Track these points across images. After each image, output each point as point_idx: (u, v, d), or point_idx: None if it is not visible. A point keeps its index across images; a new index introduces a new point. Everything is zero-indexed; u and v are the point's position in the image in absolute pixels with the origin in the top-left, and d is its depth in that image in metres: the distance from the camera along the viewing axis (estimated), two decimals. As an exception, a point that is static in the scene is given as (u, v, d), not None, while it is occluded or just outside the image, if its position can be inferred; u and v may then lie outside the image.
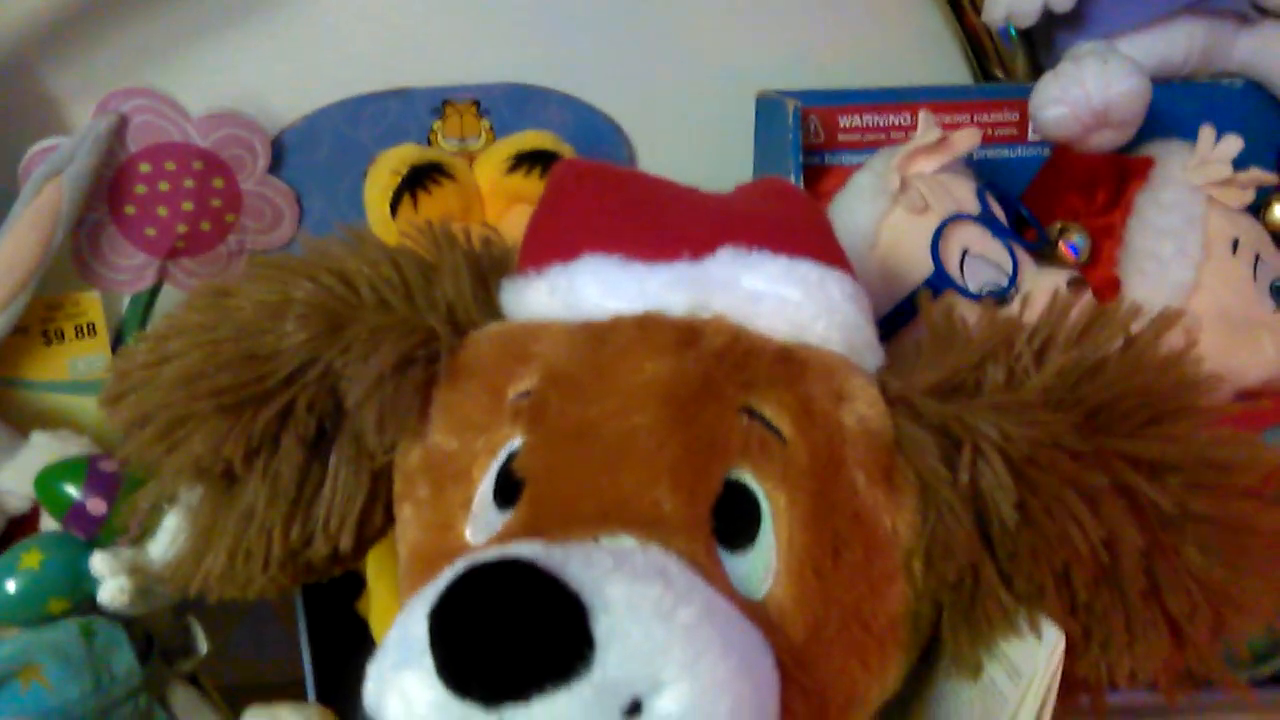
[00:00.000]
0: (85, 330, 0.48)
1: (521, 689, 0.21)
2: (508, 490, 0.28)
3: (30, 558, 0.39)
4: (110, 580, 0.40)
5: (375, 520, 0.32)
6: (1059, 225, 0.50)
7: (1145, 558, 0.28)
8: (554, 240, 0.31)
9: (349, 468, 0.31)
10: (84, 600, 0.41)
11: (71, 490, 0.40)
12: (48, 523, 0.42)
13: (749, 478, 0.27)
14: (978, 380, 0.29)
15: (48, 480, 0.41)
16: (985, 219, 0.45)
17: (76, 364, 0.49)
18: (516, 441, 0.28)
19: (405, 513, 0.30)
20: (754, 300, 0.29)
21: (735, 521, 0.26)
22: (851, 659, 0.27)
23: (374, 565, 0.50)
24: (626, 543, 0.25)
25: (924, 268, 0.43)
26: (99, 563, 0.40)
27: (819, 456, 0.27)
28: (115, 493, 0.40)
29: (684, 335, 0.28)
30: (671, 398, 0.27)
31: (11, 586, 0.39)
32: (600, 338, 0.28)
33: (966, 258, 0.44)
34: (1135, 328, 0.29)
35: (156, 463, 0.31)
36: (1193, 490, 0.28)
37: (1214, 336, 0.45)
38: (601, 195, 0.31)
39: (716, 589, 0.25)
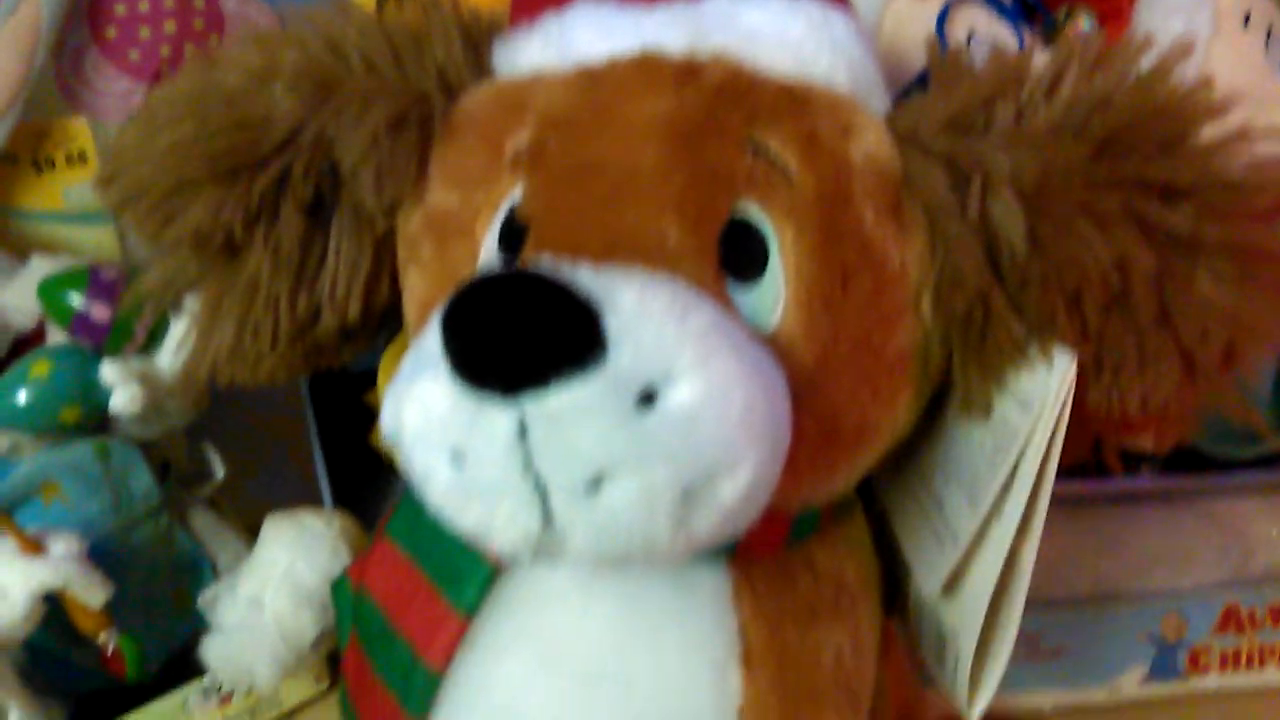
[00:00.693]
0: (76, 158, 0.47)
1: (538, 376, 0.21)
2: (512, 239, 0.28)
3: (39, 367, 0.40)
4: (121, 388, 0.40)
5: (381, 290, 0.32)
6: (1065, 8, 0.48)
7: (1157, 282, 0.27)
8: None
9: (350, 236, 0.31)
10: (96, 410, 0.41)
11: (74, 298, 0.40)
12: (54, 340, 0.42)
13: (756, 211, 0.26)
14: (987, 117, 0.28)
15: (50, 289, 0.40)
16: (991, 1, 0.44)
17: (70, 193, 0.48)
18: (518, 193, 0.28)
19: (411, 277, 0.30)
20: (754, 37, 0.28)
21: (743, 254, 0.26)
22: (861, 388, 0.27)
23: (385, 377, 0.50)
24: (635, 268, 0.24)
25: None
26: (108, 371, 0.40)
27: (826, 189, 0.27)
28: (118, 299, 0.40)
29: (683, 72, 0.27)
30: (674, 133, 0.26)
31: (22, 396, 0.39)
32: (597, 80, 0.28)
33: (973, 40, 0.43)
34: (1146, 60, 0.28)
35: (156, 237, 0.31)
36: (1205, 214, 0.27)
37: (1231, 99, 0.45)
38: None
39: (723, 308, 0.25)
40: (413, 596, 0.30)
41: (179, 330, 0.41)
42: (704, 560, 0.28)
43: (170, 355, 0.42)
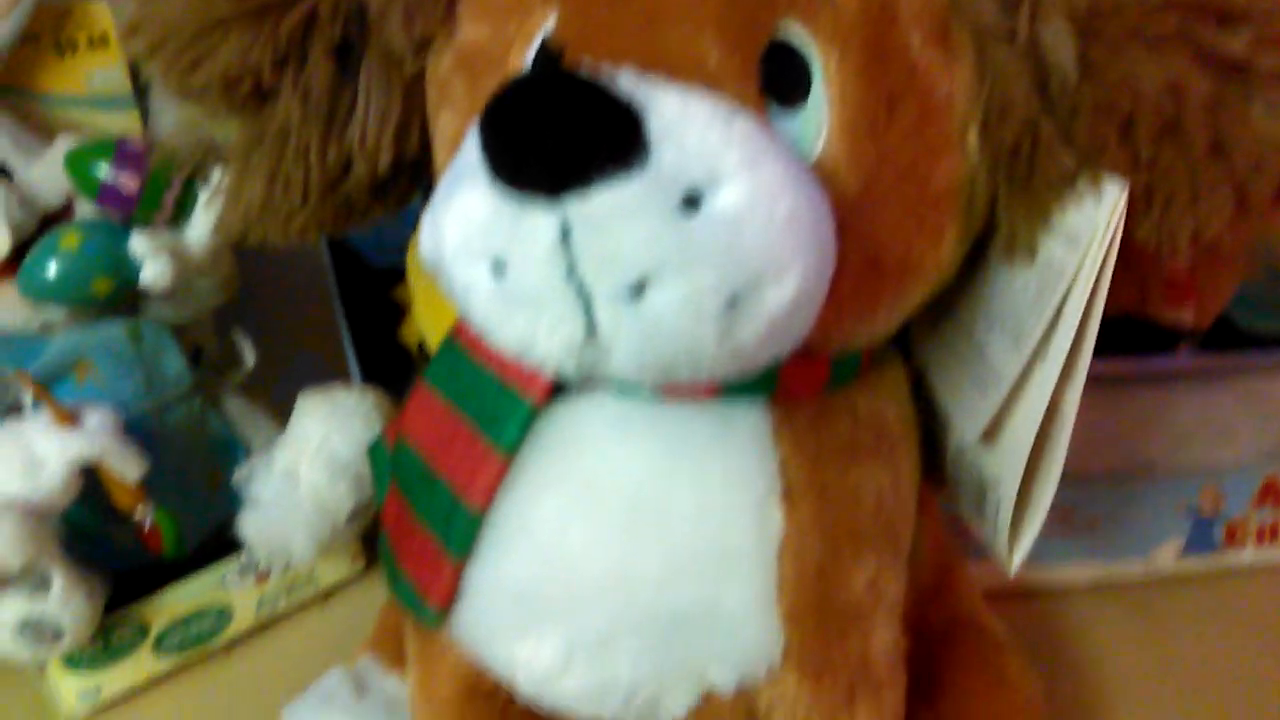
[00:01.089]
0: (98, 40, 0.47)
1: (580, 175, 0.20)
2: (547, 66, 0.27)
3: (69, 239, 0.39)
4: (151, 260, 0.40)
5: (412, 140, 0.31)
6: None
7: (1211, 110, 0.26)
8: None
9: (380, 81, 0.30)
10: (127, 283, 0.41)
11: (101, 168, 0.40)
12: (82, 215, 0.42)
13: (799, 31, 0.25)
14: None
15: (77, 160, 0.40)
16: None
17: (93, 77, 0.47)
18: (551, 21, 0.27)
19: (443, 119, 0.30)
20: None
21: (786, 77, 0.25)
22: (906, 220, 0.27)
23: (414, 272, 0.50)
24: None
25: None
26: (138, 243, 0.40)
27: (871, 11, 0.26)
28: (145, 169, 0.40)
29: None
30: None
31: (53, 268, 0.39)
32: None
33: None
34: None
35: (184, 82, 0.30)
36: (1262, 42, 0.26)
37: None
38: None
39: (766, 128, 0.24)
40: (453, 439, 0.29)
41: (207, 196, 0.42)
42: (744, 400, 0.28)
43: (198, 229, 0.41)
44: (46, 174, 0.42)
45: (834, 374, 0.29)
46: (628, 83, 0.21)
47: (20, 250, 0.40)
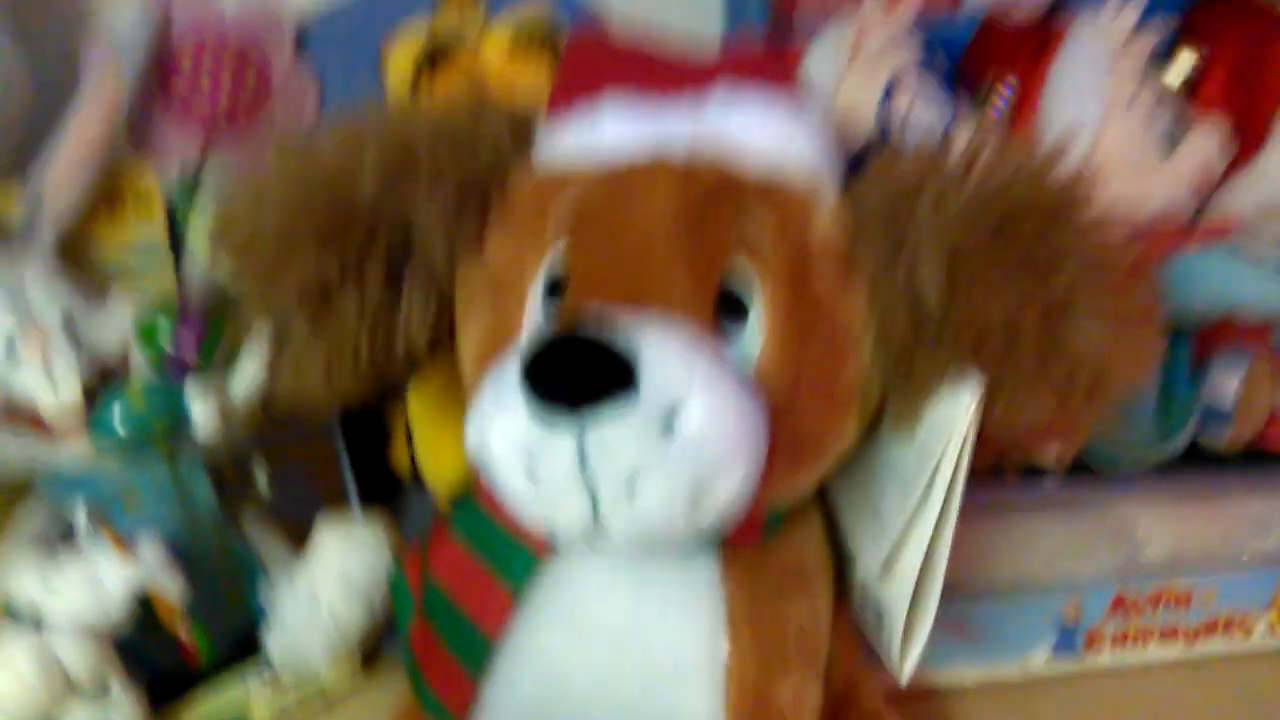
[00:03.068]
0: (142, 197, 0.53)
1: (594, 396, 0.29)
2: (554, 287, 0.35)
3: (136, 400, 0.45)
4: (201, 408, 0.46)
5: (441, 330, 0.39)
6: (988, 83, 0.55)
7: (1037, 333, 0.34)
8: (577, 90, 0.38)
9: (420, 287, 0.38)
10: (179, 429, 0.47)
11: (165, 336, 0.46)
12: (137, 363, 0.48)
13: (739, 281, 0.34)
14: (914, 202, 0.35)
15: (146, 329, 0.46)
16: (927, 78, 0.52)
17: (137, 234, 0.53)
18: (558, 254, 0.35)
19: (469, 320, 0.38)
20: (740, 135, 0.36)
21: (732, 305, 0.34)
22: (820, 410, 0.35)
23: (415, 403, 0.57)
24: (652, 310, 0.32)
25: (874, 123, 0.50)
26: (193, 398, 0.46)
27: (792, 262, 0.35)
28: (202, 336, 0.46)
29: (684, 177, 0.35)
30: (680, 220, 0.34)
31: (121, 425, 0.45)
32: (622, 173, 0.35)
33: (911, 113, 0.51)
34: (1034, 155, 0.36)
35: (266, 284, 0.37)
36: (1077, 281, 0.34)
37: (1116, 175, 0.52)
38: (615, 52, 0.38)
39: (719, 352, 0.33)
40: (474, 580, 0.37)
41: (249, 363, 0.49)
42: (699, 549, 0.36)
43: (242, 383, 0.48)
44: (105, 329, 0.48)
45: (766, 526, 0.37)
46: (623, 335, 0.30)
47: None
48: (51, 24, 0.57)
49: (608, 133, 0.37)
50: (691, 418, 0.30)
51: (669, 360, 0.30)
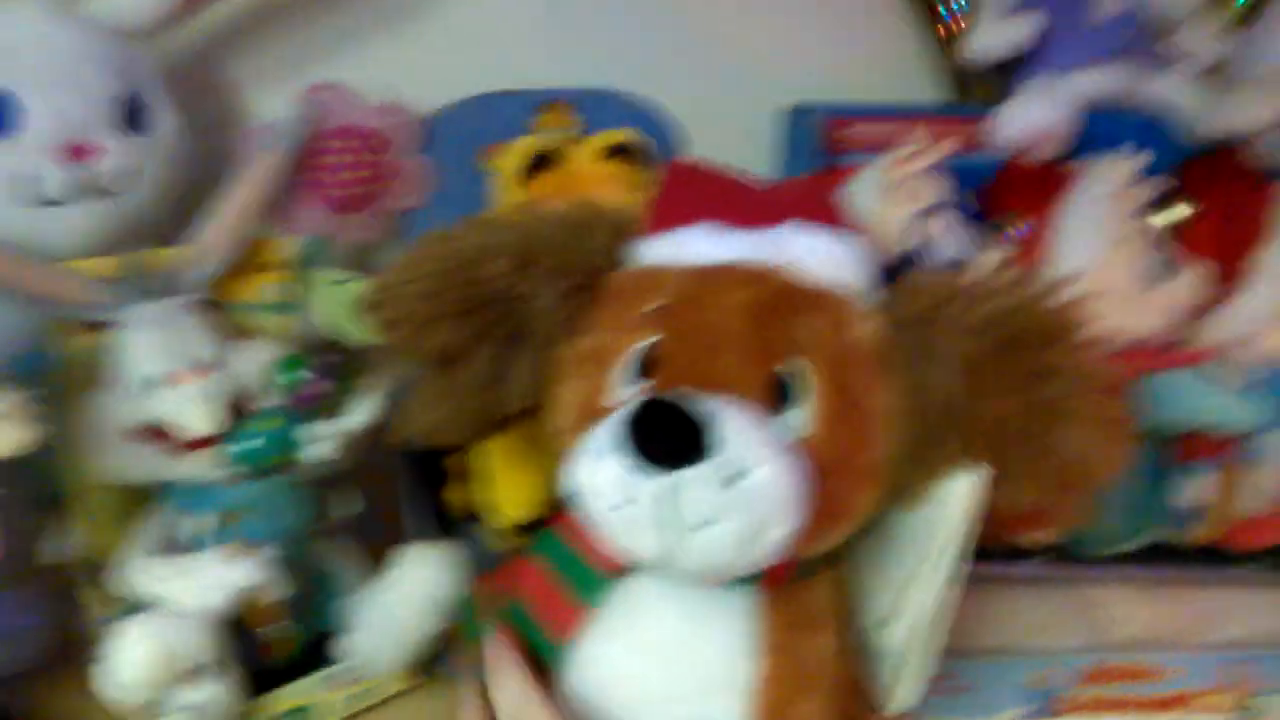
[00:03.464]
0: (276, 264, 0.61)
1: (680, 460, 0.37)
2: (645, 368, 0.42)
3: (271, 422, 0.54)
4: (321, 442, 0.54)
5: (538, 394, 0.46)
6: (1007, 216, 0.63)
7: (1033, 429, 0.41)
8: (674, 213, 0.45)
9: (532, 357, 0.45)
10: (300, 454, 0.55)
11: (303, 373, 0.54)
12: (264, 400, 0.55)
13: (796, 366, 0.41)
14: (940, 315, 0.41)
15: (287, 365, 0.54)
16: (952, 210, 0.59)
17: (267, 289, 0.61)
18: (651, 338, 0.42)
19: (568, 385, 0.45)
20: (804, 255, 0.43)
21: (786, 392, 0.41)
22: (851, 482, 0.42)
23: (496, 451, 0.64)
24: (726, 396, 0.40)
25: (906, 245, 0.57)
26: (316, 428, 0.54)
27: (838, 355, 0.41)
28: (334, 377, 0.54)
29: (758, 276, 0.42)
30: (750, 314, 0.41)
31: (261, 445, 0.53)
32: (707, 275, 0.43)
33: (937, 239, 0.58)
34: (1041, 285, 0.42)
35: (410, 348, 0.45)
36: (1068, 389, 0.41)
37: (1111, 303, 0.59)
38: (704, 182, 0.46)
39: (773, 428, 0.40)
40: (553, 596, 0.45)
41: (363, 404, 0.57)
42: (740, 584, 0.43)
43: (354, 421, 0.56)
44: (243, 368, 0.56)
45: (800, 570, 0.44)
46: (703, 405, 0.38)
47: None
48: (213, 114, 0.66)
49: (695, 249, 0.44)
50: (755, 479, 0.37)
51: (740, 432, 0.38)
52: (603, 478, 0.38)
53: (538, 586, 0.46)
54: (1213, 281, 0.64)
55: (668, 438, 0.37)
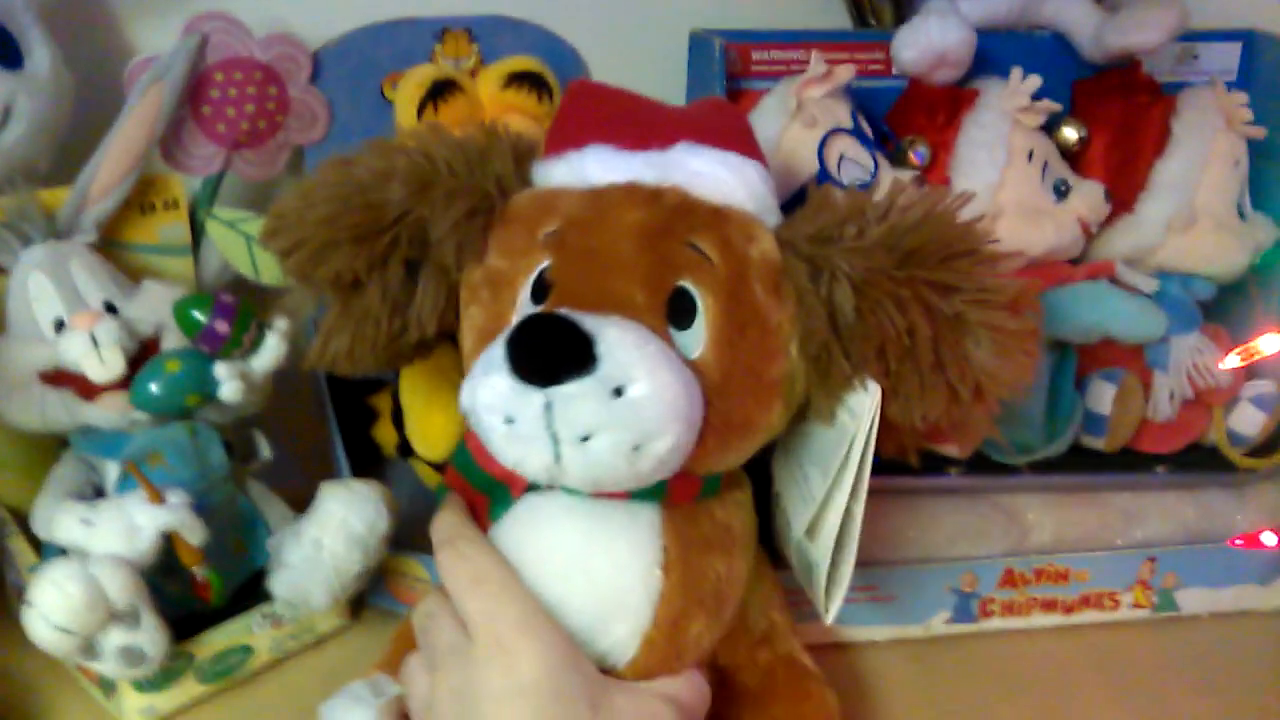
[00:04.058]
0: (170, 204, 0.61)
1: (558, 375, 0.37)
2: (539, 291, 0.43)
3: (172, 365, 0.52)
4: (229, 383, 0.53)
5: (448, 319, 0.46)
6: (909, 139, 0.63)
7: (933, 343, 0.41)
8: (570, 135, 0.45)
9: (433, 282, 0.45)
10: (208, 399, 0.53)
11: (201, 315, 0.52)
12: (168, 343, 0.55)
13: (690, 284, 0.41)
14: (839, 233, 0.42)
15: (183, 308, 0.53)
16: (857, 132, 0.60)
17: (163, 231, 0.61)
18: (546, 262, 0.43)
19: (471, 311, 0.45)
20: (698, 176, 0.43)
21: (681, 310, 0.41)
22: (748, 398, 0.42)
23: (408, 383, 0.64)
24: (615, 317, 0.40)
25: (812, 167, 0.58)
26: (222, 370, 0.53)
27: (732, 274, 0.42)
28: (234, 317, 0.53)
29: (651, 197, 0.42)
30: (643, 234, 0.41)
31: (157, 387, 0.52)
32: (600, 196, 0.43)
33: (842, 161, 0.59)
34: (941, 203, 0.43)
35: (307, 276, 0.45)
36: (969, 304, 0.41)
37: (1012, 220, 0.61)
38: (601, 104, 0.46)
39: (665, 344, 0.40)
40: (474, 507, 0.45)
41: (272, 343, 0.56)
42: (644, 502, 0.43)
43: (262, 361, 0.55)
44: (141, 311, 0.55)
45: (702, 489, 0.44)
46: (588, 321, 0.38)
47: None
48: (93, 49, 0.63)
49: (592, 171, 0.44)
50: (636, 393, 0.38)
51: (621, 346, 0.38)
52: (487, 395, 0.38)
53: (462, 490, 0.46)
54: (1110, 198, 0.65)
55: (547, 353, 0.37)
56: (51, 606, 0.47)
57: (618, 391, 0.37)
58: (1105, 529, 0.65)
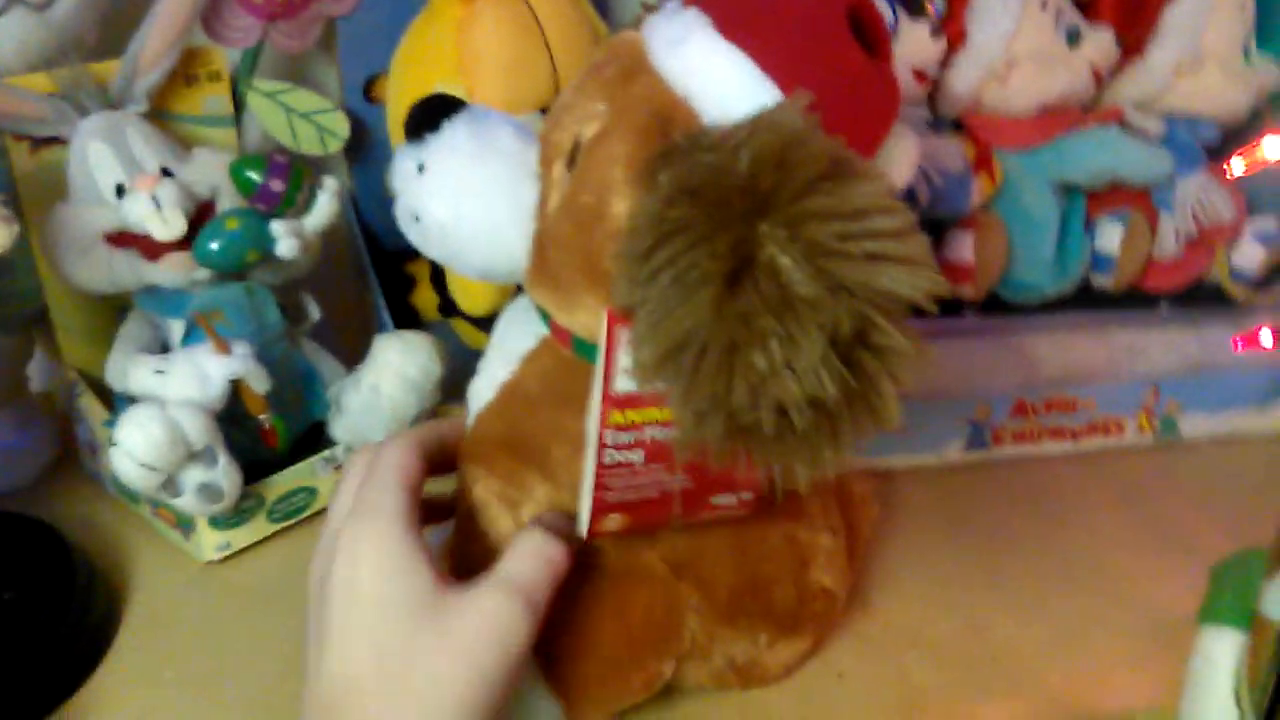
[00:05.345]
0: (213, 76, 0.63)
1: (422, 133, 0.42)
2: None
3: (231, 223, 0.55)
4: (286, 240, 0.56)
5: None
6: None
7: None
8: None
9: None
10: (266, 256, 0.56)
11: (256, 175, 0.55)
12: (223, 205, 0.57)
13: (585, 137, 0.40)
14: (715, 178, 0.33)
15: (239, 168, 0.56)
16: None
17: (208, 102, 0.63)
18: None
19: None
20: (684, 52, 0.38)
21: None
22: (572, 269, 0.40)
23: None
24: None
25: None
26: (278, 227, 0.56)
27: (607, 157, 0.38)
28: (288, 176, 0.56)
29: (621, 41, 0.40)
30: (591, 70, 0.41)
31: (218, 243, 0.54)
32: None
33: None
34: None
35: None
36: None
37: (1028, 68, 0.64)
38: None
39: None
40: None
41: (324, 199, 0.59)
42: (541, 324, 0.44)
43: (315, 220, 0.58)
44: (196, 175, 0.57)
45: (575, 348, 0.42)
46: (467, 105, 0.43)
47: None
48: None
49: None
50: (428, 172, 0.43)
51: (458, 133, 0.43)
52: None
53: None
54: (1119, 44, 0.67)
55: (421, 117, 0.43)
56: (137, 444, 0.50)
57: (420, 168, 0.43)
58: (1112, 364, 0.68)
